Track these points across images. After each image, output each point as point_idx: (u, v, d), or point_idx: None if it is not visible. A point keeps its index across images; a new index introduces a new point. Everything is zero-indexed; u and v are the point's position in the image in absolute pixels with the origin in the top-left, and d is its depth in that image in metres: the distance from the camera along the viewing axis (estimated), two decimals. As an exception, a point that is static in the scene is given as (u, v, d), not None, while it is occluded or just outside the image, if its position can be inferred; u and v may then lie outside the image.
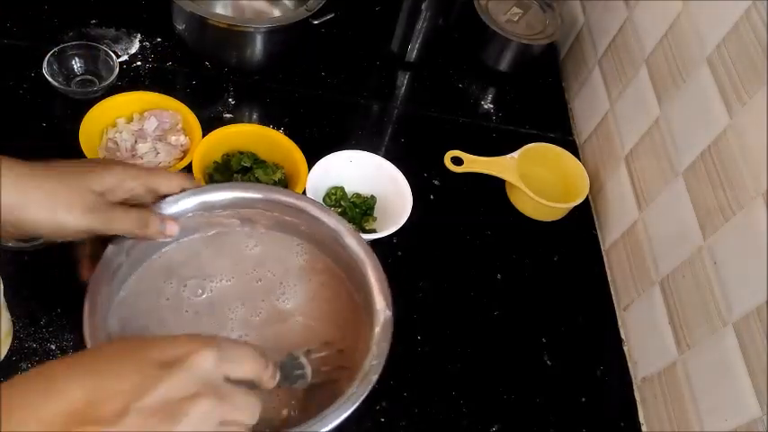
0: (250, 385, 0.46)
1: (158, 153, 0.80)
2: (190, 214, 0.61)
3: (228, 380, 0.44)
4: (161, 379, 0.40)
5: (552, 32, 1.02)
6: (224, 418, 0.42)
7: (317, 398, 0.57)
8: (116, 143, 0.80)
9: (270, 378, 0.48)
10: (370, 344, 0.57)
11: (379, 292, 0.59)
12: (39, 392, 0.39)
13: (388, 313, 0.58)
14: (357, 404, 0.53)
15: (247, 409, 0.44)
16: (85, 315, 0.53)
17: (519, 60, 1.03)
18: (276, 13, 1.00)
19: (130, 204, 0.57)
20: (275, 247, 0.66)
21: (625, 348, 0.82)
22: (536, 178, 0.90)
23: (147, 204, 0.59)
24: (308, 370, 0.56)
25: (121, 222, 0.55)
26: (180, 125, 0.83)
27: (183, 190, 0.60)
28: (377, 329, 0.57)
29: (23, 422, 0.38)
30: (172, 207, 0.60)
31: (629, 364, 0.80)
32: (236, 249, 0.66)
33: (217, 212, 0.64)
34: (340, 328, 0.62)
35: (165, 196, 0.60)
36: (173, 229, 0.59)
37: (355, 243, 0.62)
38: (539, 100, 1.05)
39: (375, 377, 0.55)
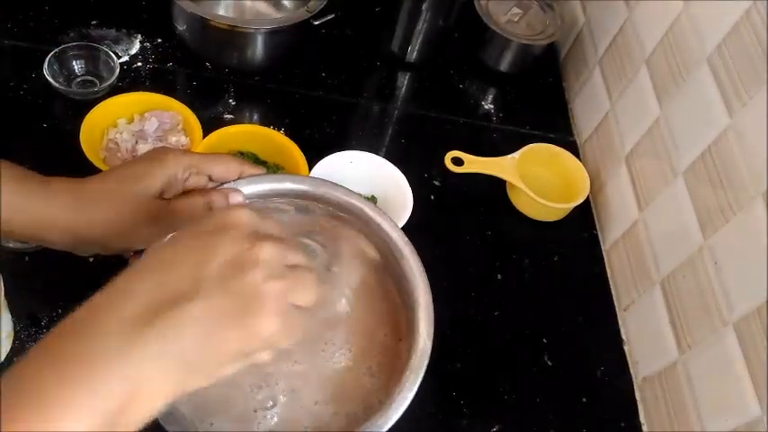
0: None
1: (159, 154, 0.80)
2: (247, 200, 0.59)
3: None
4: (216, 243, 0.40)
5: (552, 33, 1.02)
6: (287, 260, 0.42)
7: None
8: (117, 144, 0.80)
9: None
10: (402, 375, 0.54)
11: (425, 317, 0.57)
12: (110, 302, 0.39)
13: (429, 344, 0.56)
14: None
15: (301, 252, 0.44)
16: None
17: (519, 60, 1.03)
18: (277, 14, 1.00)
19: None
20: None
21: (625, 348, 0.82)
22: (536, 178, 0.90)
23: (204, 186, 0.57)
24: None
25: (184, 215, 0.55)
26: (180, 126, 0.83)
27: (239, 176, 0.59)
28: (413, 360, 0.55)
29: (107, 326, 0.37)
30: None
31: (630, 364, 0.80)
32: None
33: (273, 199, 0.62)
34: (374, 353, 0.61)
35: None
36: (237, 198, 0.57)
37: (413, 262, 0.60)
38: (539, 100, 1.05)
39: (399, 414, 0.52)
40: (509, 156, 0.90)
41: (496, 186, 0.91)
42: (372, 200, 0.83)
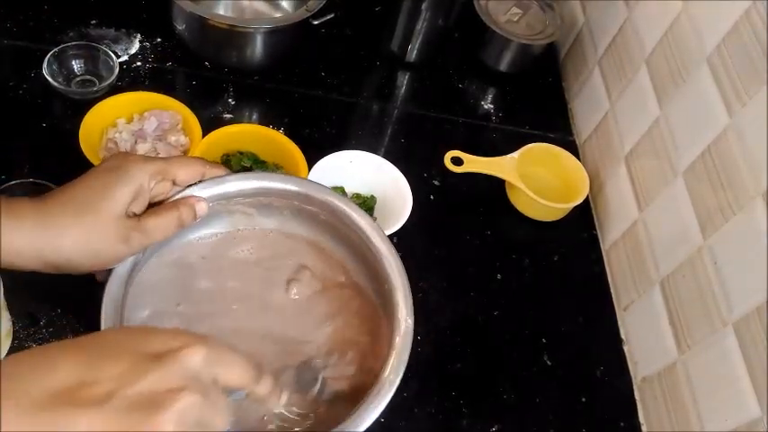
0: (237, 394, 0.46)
1: (158, 153, 0.80)
2: (210, 203, 0.60)
3: (215, 382, 0.43)
4: (150, 369, 0.40)
5: (552, 32, 1.02)
6: (203, 418, 0.42)
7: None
8: (116, 143, 0.80)
9: (267, 392, 0.47)
10: (389, 356, 0.55)
11: (403, 298, 0.58)
12: (31, 367, 0.39)
13: (410, 321, 0.56)
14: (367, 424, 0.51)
15: (225, 415, 0.43)
16: (103, 314, 0.54)
17: (519, 60, 1.03)
18: (276, 13, 1.00)
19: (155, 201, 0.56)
20: (287, 242, 0.66)
21: (625, 348, 0.82)
22: (536, 178, 0.90)
23: (167, 195, 0.57)
24: (321, 378, 0.55)
25: (156, 233, 0.55)
26: (180, 125, 0.83)
27: (201, 178, 0.59)
28: (397, 339, 0.55)
29: (12, 393, 0.38)
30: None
31: (629, 365, 0.80)
32: (247, 246, 0.66)
33: (236, 200, 0.63)
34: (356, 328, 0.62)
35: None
36: (203, 209, 0.58)
37: (383, 246, 0.61)
38: (539, 100, 1.05)
39: (390, 394, 0.53)
40: (508, 156, 0.90)
41: (496, 186, 0.90)
42: (372, 200, 0.83)
